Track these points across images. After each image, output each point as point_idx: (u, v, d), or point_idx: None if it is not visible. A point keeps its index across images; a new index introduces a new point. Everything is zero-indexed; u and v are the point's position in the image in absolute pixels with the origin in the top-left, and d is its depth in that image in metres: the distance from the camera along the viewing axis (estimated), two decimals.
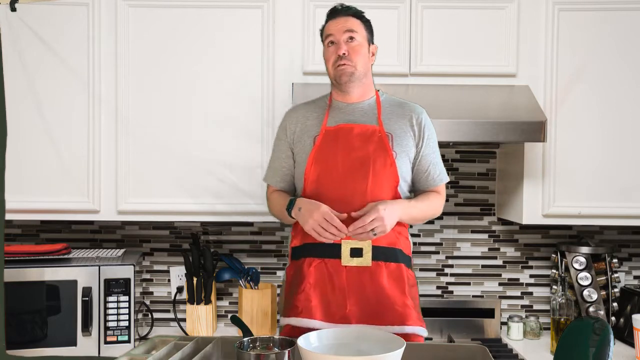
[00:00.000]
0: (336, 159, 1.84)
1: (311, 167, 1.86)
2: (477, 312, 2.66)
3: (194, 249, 2.59)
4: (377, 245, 1.81)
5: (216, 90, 2.39)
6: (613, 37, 2.39)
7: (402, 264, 1.86)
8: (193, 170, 2.39)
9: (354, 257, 1.80)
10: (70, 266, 2.30)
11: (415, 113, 1.92)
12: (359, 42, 1.89)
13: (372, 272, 1.81)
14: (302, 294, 1.82)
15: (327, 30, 1.92)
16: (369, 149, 1.84)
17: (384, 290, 1.81)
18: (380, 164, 1.83)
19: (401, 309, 1.81)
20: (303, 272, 1.84)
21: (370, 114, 1.90)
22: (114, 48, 2.38)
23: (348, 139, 1.85)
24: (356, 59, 1.87)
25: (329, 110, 1.93)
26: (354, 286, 1.81)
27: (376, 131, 1.86)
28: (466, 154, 2.76)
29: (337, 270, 1.81)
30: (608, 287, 2.54)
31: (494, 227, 2.76)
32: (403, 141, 1.88)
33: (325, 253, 1.82)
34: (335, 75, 1.89)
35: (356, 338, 1.48)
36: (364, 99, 1.94)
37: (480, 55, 2.39)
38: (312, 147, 1.87)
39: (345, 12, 1.92)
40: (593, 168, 2.40)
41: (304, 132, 1.92)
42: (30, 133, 2.37)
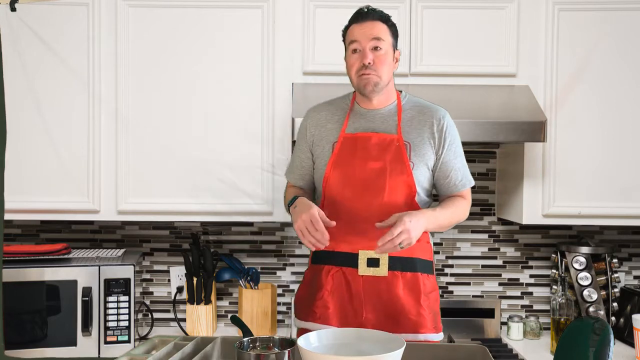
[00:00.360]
0: (353, 168, 1.84)
1: (330, 174, 1.86)
2: (477, 312, 2.66)
3: (194, 249, 2.59)
4: (394, 255, 1.82)
5: (216, 90, 2.39)
6: (613, 37, 2.39)
7: (418, 273, 1.85)
8: (193, 170, 2.39)
9: (370, 267, 1.83)
10: (70, 266, 2.30)
11: (436, 118, 1.88)
12: (385, 51, 1.82)
13: (388, 281, 1.83)
14: (321, 300, 1.85)
15: (352, 36, 1.83)
16: (386, 159, 1.82)
17: (399, 299, 1.83)
18: (397, 174, 1.82)
19: (415, 318, 1.83)
20: (321, 279, 1.87)
21: (390, 121, 1.88)
22: (114, 48, 2.38)
23: (366, 148, 1.84)
24: (381, 69, 1.81)
25: (350, 115, 1.91)
26: (370, 295, 1.83)
27: (394, 140, 1.84)
28: (466, 154, 2.72)
29: (354, 279, 1.84)
30: (608, 287, 2.54)
31: (494, 227, 2.76)
32: (421, 150, 1.85)
33: (343, 262, 1.85)
34: (359, 84, 1.84)
35: (356, 338, 1.48)
36: (385, 104, 1.90)
37: (480, 55, 2.39)
38: (331, 154, 1.87)
39: (372, 16, 1.82)
40: (593, 168, 2.40)
41: (322, 137, 1.91)
42: (30, 133, 2.37)
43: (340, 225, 1.80)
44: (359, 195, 1.82)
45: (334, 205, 1.85)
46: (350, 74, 1.86)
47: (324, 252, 1.87)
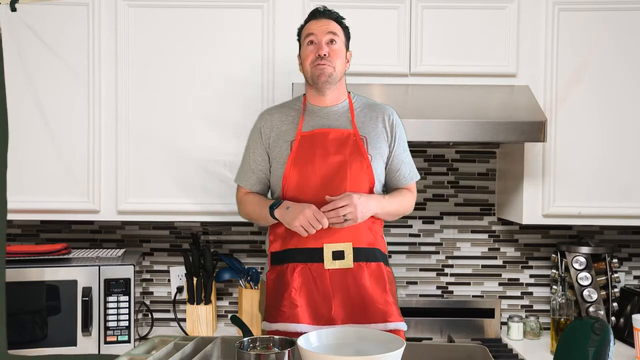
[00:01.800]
0: (314, 164, 1.87)
1: (289, 172, 1.89)
2: (477, 312, 2.66)
3: (194, 249, 2.59)
4: (358, 247, 1.86)
5: (216, 90, 2.39)
6: (613, 37, 2.39)
7: (381, 262, 1.91)
8: (193, 170, 2.39)
9: (336, 260, 1.85)
10: (70, 266, 2.30)
11: (386, 114, 1.97)
12: (339, 46, 1.92)
13: (354, 273, 1.86)
14: (288, 299, 1.84)
15: (308, 30, 1.93)
16: (345, 152, 1.88)
17: (366, 289, 1.86)
18: (357, 167, 1.87)
19: (383, 307, 1.85)
20: (287, 278, 1.87)
21: (344, 118, 1.94)
22: (114, 48, 2.38)
23: (324, 143, 1.89)
24: (336, 61, 1.90)
25: (304, 115, 1.96)
26: (337, 288, 1.85)
27: (351, 135, 1.91)
28: (466, 154, 2.76)
29: (320, 273, 1.85)
30: (608, 287, 2.54)
31: (494, 227, 2.76)
32: (377, 143, 1.93)
33: (308, 257, 1.86)
34: (313, 74, 1.91)
35: (356, 338, 1.48)
36: (337, 102, 1.97)
37: (480, 55, 2.39)
38: (290, 152, 1.90)
39: (328, 15, 1.94)
40: (593, 168, 2.40)
41: (279, 137, 1.95)
42: (30, 133, 2.37)
43: None
44: (321, 189, 1.85)
45: (297, 201, 1.87)
46: (305, 65, 1.93)
47: (287, 251, 1.89)
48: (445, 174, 2.75)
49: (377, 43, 2.39)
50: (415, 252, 2.76)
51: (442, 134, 2.21)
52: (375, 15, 2.38)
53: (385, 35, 2.38)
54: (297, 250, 1.87)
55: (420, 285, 2.76)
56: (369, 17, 2.38)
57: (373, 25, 2.38)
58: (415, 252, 2.76)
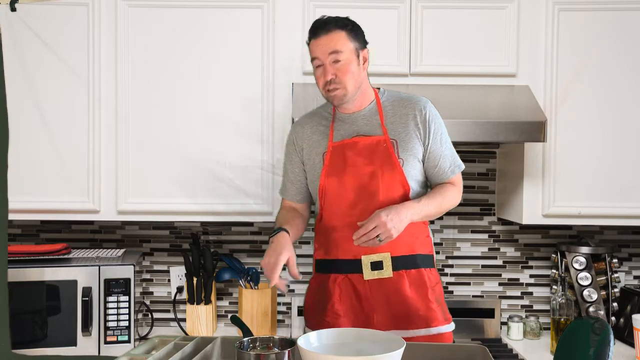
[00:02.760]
0: (346, 176, 1.86)
1: (324, 184, 1.89)
2: (477, 312, 2.66)
3: (194, 249, 2.59)
4: (396, 255, 1.84)
5: (216, 90, 2.39)
6: (613, 37, 2.39)
7: (422, 269, 1.88)
8: (193, 170, 2.39)
9: (374, 270, 1.84)
10: (70, 266, 2.30)
11: (418, 110, 1.89)
12: (346, 61, 1.82)
13: (394, 282, 1.85)
14: (331, 310, 1.87)
15: (312, 53, 1.86)
16: (376, 162, 1.85)
17: (407, 298, 1.84)
18: (389, 175, 1.84)
19: (425, 313, 1.85)
20: (329, 289, 1.89)
21: (373, 121, 1.90)
22: (114, 48, 2.38)
23: (354, 154, 1.86)
24: (345, 80, 1.82)
25: (333, 123, 1.94)
26: (378, 298, 1.85)
27: (381, 142, 1.86)
28: (466, 154, 2.75)
29: (360, 284, 1.86)
30: (608, 287, 2.54)
31: (494, 227, 2.76)
32: (408, 145, 1.87)
33: (348, 269, 1.87)
34: (327, 98, 1.89)
35: (356, 338, 1.48)
36: (364, 106, 1.93)
37: (480, 55, 2.39)
38: (322, 165, 1.89)
39: (326, 28, 1.83)
40: (593, 168, 2.40)
41: (312, 149, 1.94)
42: (30, 133, 2.37)
43: (341, 233, 1.86)
44: (355, 201, 1.84)
45: (333, 213, 1.88)
46: (319, 88, 1.89)
47: (328, 261, 1.91)
48: None
49: (377, 43, 2.37)
50: None
51: None
52: (375, 15, 2.38)
53: (385, 35, 2.38)
54: (337, 261, 1.88)
55: None
56: (369, 17, 2.37)
57: (373, 25, 2.37)
58: None
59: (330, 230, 1.90)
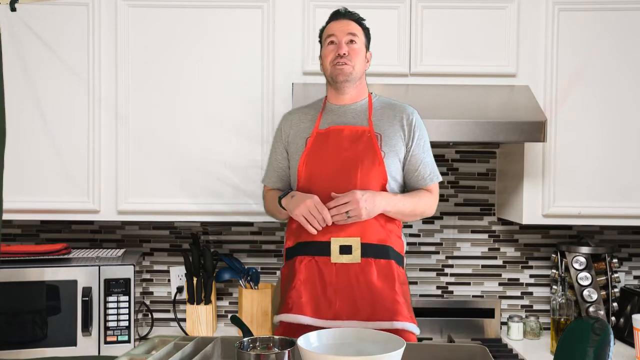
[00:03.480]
0: (326, 159, 1.89)
1: (303, 167, 1.91)
2: (477, 312, 2.66)
3: (194, 249, 2.59)
4: (367, 242, 1.84)
5: (216, 90, 2.39)
6: (613, 37, 2.39)
7: (392, 261, 1.87)
8: (193, 170, 2.39)
9: (343, 254, 1.84)
10: (70, 266, 2.30)
11: (405, 114, 1.96)
12: (359, 46, 1.95)
13: (362, 268, 1.84)
14: (293, 290, 1.86)
15: (329, 30, 1.97)
16: (358, 149, 1.88)
17: (374, 286, 1.83)
18: (369, 163, 1.87)
19: (390, 305, 1.83)
20: (294, 270, 1.89)
21: (362, 115, 1.95)
22: (114, 48, 2.38)
23: (338, 140, 1.90)
24: (355, 60, 1.93)
25: (322, 113, 1.99)
26: (343, 283, 1.84)
27: (365, 132, 1.91)
28: (466, 154, 2.75)
29: (327, 267, 1.85)
30: (608, 287, 2.54)
31: (494, 227, 2.76)
32: (392, 141, 1.92)
33: (316, 251, 1.86)
34: (333, 73, 1.93)
35: (356, 338, 1.48)
36: (356, 100, 1.99)
37: (480, 55, 2.39)
38: (304, 148, 1.92)
39: (348, 15, 1.97)
40: (593, 168, 2.40)
41: (297, 135, 1.98)
42: (30, 133, 2.37)
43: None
44: (332, 184, 1.86)
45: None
46: (325, 64, 1.96)
47: (297, 245, 1.90)
48: (445, 174, 2.74)
49: (377, 43, 2.37)
50: (415, 252, 2.76)
51: (442, 134, 2.21)
52: (375, 15, 2.38)
53: (385, 35, 2.38)
54: (306, 243, 1.87)
55: (420, 285, 2.76)
56: (369, 17, 2.36)
57: (373, 25, 2.36)
58: (415, 252, 2.76)
59: None
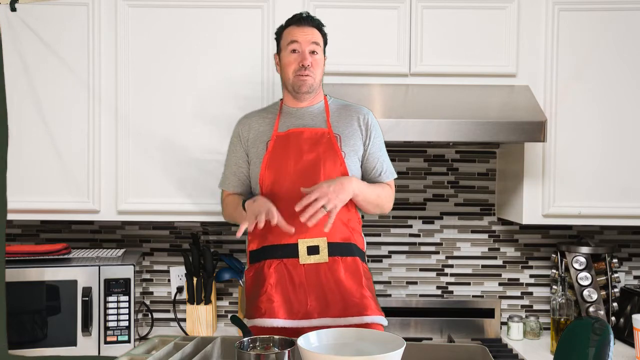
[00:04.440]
0: (288, 162, 1.90)
1: (265, 171, 1.93)
2: (477, 312, 2.66)
3: (194, 249, 2.59)
4: (333, 241, 1.88)
5: (216, 90, 2.39)
6: (613, 37, 2.39)
7: (357, 258, 1.92)
8: (193, 170, 2.39)
9: (311, 255, 1.87)
10: (70, 266, 2.30)
11: (361, 114, 2.00)
12: (320, 57, 1.97)
13: (330, 267, 1.88)
14: (265, 295, 1.87)
15: (292, 36, 1.96)
16: (319, 150, 1.91)
17: (342, 283, 1.87)
18: (331, 164, 1.90)
19: (359, 301, 1.87)
20: (264, 274, 1.90)
21: (320, 118, 1.98)
22: (114, 48, 2.38)
23: (299, 142, 1.92)
24: (317, 71, 1.95)
25: (280, 116, 2.00)
26: (313, 283, 1.87)
27: (325, 133, 1.94)
28: (466, 154, 2.75)
29: (295, 268, 1.88)
30: (608, 287, 2.54)
31: (494, 227, 2.76)
32: (351, 141, 1.95)
33: (284, 253, 1.88)
34: (295, 84, 1.95)
35: (356, 338, 1.48)
36: (313, 103, 2.01)
37: (480, 55, 2.39)
38: (265, 152, 1.94)
39: (312, 22, 1.98)
40: (593, 168, 2.40)
41: (256, 138, 1.99)
42: (30, 133, 2.37)
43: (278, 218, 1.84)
44: (295, 186, 1.86)
45: (273, 200, 1.87)
46: (287, 72, 1.96)
47: (263, 248, 1.91)
48: (445, 174, 2.75)
49: (377, 43, 2.39)
50: (415, 252, 2.76)
51: (442, 134, 2.21)
52: (375, 15, 2.38)
53: (385, 35, 2.38)
54: (273, 246, 1.90)
55: (420, 285, 2.76)
56: (369, 17, 2.38)
57: (373, 25, 2.38)
58: (415, 252, 2.76)
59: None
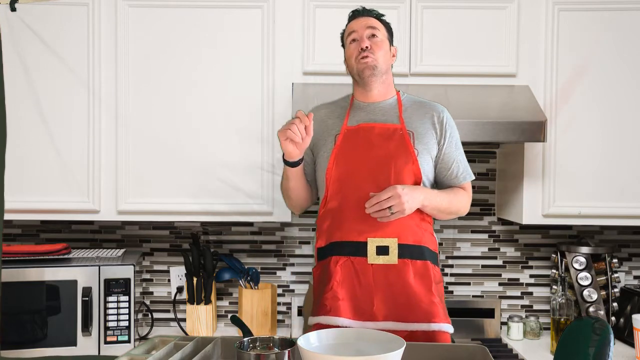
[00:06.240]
0: (357, 157, 1.84)
1: (333, 165, 1.86)
2: (477, 312, 2.66)
3: (194, 249, 2.59)
4: (403, 243, 1.81)
5: (216, 90, 2.39)
6: (613, 37, 2.39)
7: (428, 261, 1.85)
8: (193, 170, 2.39)
9: (380, 255, 1.80)
10: (70, 266, 2.30)
11: (436, 111, 1.93)
12: (381, 39, 1.90)
13: (399, 269, 1.81)
14: (330, 292, 1.82)
15: (350, 28, 1.93)
16: (390, 147, 1.84)
17: (411, 287, 1.81)
18: (402, 161, 1.83)
19: (427, 307, 1.80)
20: (330, 271, 1.84)
21: (392, 113, 1.91)
22: (114, 48, 2.38)
23: (369, 137, 1.86)
24: (378, 53, 1.88)
25: (350, 110, 1.94)
26: (380, 284, 1.81)
27: (397, 129, 1.87)
28: (466, 153, 2.73)
29: (363, 268, 1.81)
30: (608, 287, 2.54)
31: (494, 227, 2.76)
32: (424, 139, 1.88)
33: (352, 251, 1.82)
34: (358, 69, 1.89)
35: (356, 338, 1.48)
36: (385, 98, 1.94)
37: (480, 55, 2.39)
38: (334, 146, 1.88)
39: (367, 13, 1.95)
40: (593, 168, 2.40)
41: (324, 131, 1.93)
42: (30, 133, 2.37)
43: (348, 214, 1.82)
44: (364, 183, 1.82)
45: (340, 196, 1.85)
46: (351, 63, 1.92)
47: (331, 245, 1.86)
48: None
49: None
50: None
51: None
52: None
53: None
54: (341, 243, 1.84)
55: None
56: None
57: None
58: None
59: (335, 212, 1.86)
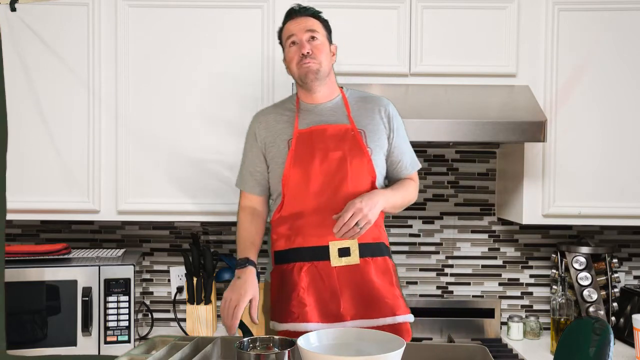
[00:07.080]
0: (313, 161, 1.85)
1: (289, 170, 1.86)
2: (477, 312, 2.66)
3: (194, 249, 2.59)
4: (363, 242, 1.85)
5: (216, 90, 2.39)
6: (613, 37, 2.39)
7: (386, 257, 1.90)
8: (193, 170, 2.39)
9: (342, 257, 1.84)
10: (70, 266, 2.30)
11: (382, 106, 1.96)
12: (321, 41, 1.90)
13: (361, 269, 1.85)
14: (296, 299, 1.83)
15: (288, 31, 1.92)
16: (344, 148, 1.86)
17: (374, 285, 1.85)
18: (357, 162, 1.86)
19: (391, 301, 1.85)
20: (293, 278, 1.86)
21: (340, 113, 1.93)
22: (114, 48, 2.38)
23: (323, 140, 1.87)
24: (320, 57, 1.88)
25: (298, 113, 1.94)
26: (345, 285, 1.84)
27: (349, 130, 1.89)
28: (466, 154, 2.75)
29: (327, 271, 1.84)
30: (608, 287, 2.54)
31: (494, 227, 2.76)
32: (376, 136, 1.91)
33: (314, 256, 1.85)
34: (300, 74, 1.89)
35: (356, 338, 1.48)
36: (330, 98, 1.96)
37: (480, 55, 2.39)
38: (288, 150, 1.88)
39: (304, 12, 1.92)
40: (593, 168, 2.40)
41: (276, 136, 1.92)
42: (30, 133, 2.37)
43: (307, 219, 1.84)
44: (323, 187, 1.84)
45: (297, 201, 1.85)
46: (292, 68, 1.92)
47: (291, 250, 1.88)
48: (445, 174, 2.75)
49: (377, 43, 2.39)
50: (415, 252, 2.76)
51: (442, 134, 2.21)
52: (375, 15, 2.38)
53: (385, 35, 2.38)
54: (302, 249, 1.86)
55: (420, 285, 2.76)
56: (369, 17, 2.38)
57: (373, 25, 2.38)
58: (415, 252, 2.76)
59: (294, 217, 1.87)
